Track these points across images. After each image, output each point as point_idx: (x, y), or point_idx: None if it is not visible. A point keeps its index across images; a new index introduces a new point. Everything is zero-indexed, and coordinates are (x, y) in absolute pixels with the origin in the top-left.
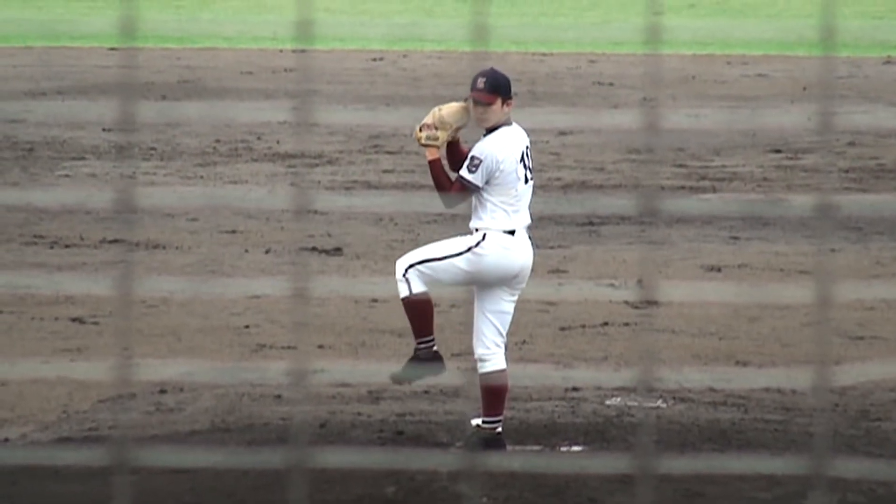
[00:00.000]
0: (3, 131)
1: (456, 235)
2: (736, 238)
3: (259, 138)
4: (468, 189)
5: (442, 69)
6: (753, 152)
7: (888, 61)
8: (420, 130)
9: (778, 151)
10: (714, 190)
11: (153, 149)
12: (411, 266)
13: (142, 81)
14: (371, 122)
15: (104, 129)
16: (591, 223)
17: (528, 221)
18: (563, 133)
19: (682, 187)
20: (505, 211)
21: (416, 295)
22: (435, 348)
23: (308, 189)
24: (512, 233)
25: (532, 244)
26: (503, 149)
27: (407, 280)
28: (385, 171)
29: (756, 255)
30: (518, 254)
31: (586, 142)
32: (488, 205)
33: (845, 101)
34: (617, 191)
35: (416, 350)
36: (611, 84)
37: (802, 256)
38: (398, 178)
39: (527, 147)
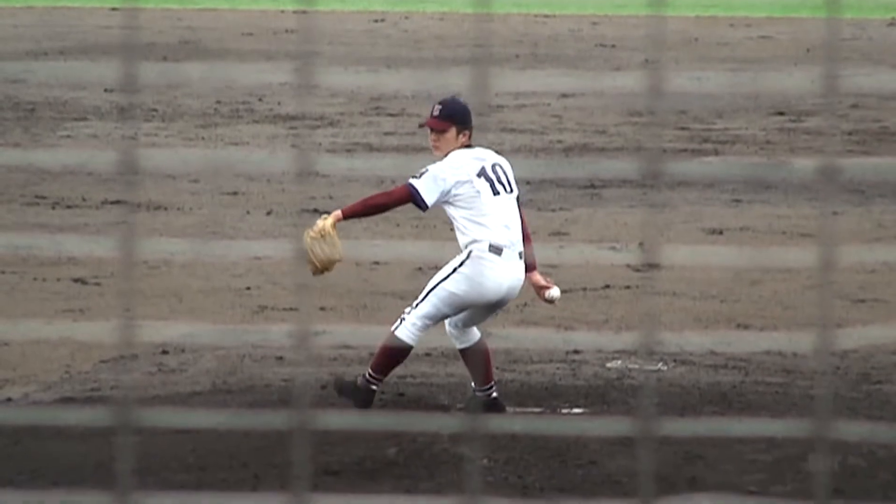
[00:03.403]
0: (5, 91)
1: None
2: (738, 201)
3: (260, 100)
4: (411, 193)
5: (444, 31)
6: (756, 115)
7: (893, 23)
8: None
9: (781, 114)
10: (716, 153)
11: (154, 110)
12: (419, 317)
13: (143, 42)
14: (372, 84)
15: (106, 90)
16: (592, 186)
17: (516, 239)
18: (564, 95)
19: (685, 150)
20: (478, 224)
21: (402, 343)
22: (375, 388)
23: (309, 151)
24: (499, 251)
25: (524, 270)
26: (450, 166)
27: (405, 325)
28: (386, 134)
29: (758, 219)
30: (504, 275)
31: (588, 104)
32: (465, 222)
33: (849, 63)
34: (619, 154)
35: (360, 378)
36: (613, 46)
37: (804, 219)
38: (399, 140)
39: (494, 164)
